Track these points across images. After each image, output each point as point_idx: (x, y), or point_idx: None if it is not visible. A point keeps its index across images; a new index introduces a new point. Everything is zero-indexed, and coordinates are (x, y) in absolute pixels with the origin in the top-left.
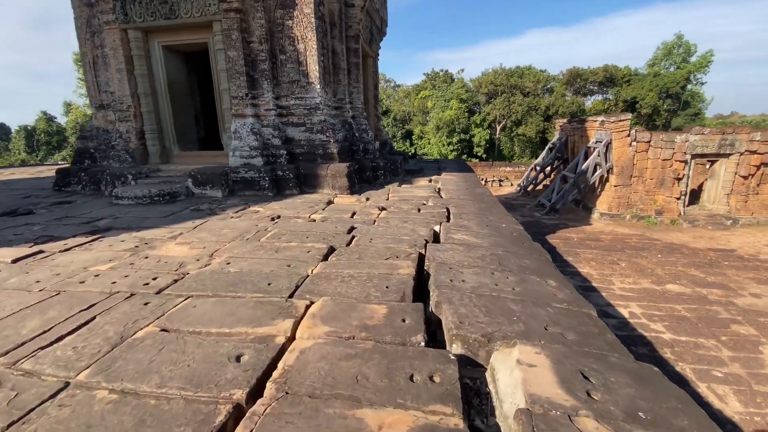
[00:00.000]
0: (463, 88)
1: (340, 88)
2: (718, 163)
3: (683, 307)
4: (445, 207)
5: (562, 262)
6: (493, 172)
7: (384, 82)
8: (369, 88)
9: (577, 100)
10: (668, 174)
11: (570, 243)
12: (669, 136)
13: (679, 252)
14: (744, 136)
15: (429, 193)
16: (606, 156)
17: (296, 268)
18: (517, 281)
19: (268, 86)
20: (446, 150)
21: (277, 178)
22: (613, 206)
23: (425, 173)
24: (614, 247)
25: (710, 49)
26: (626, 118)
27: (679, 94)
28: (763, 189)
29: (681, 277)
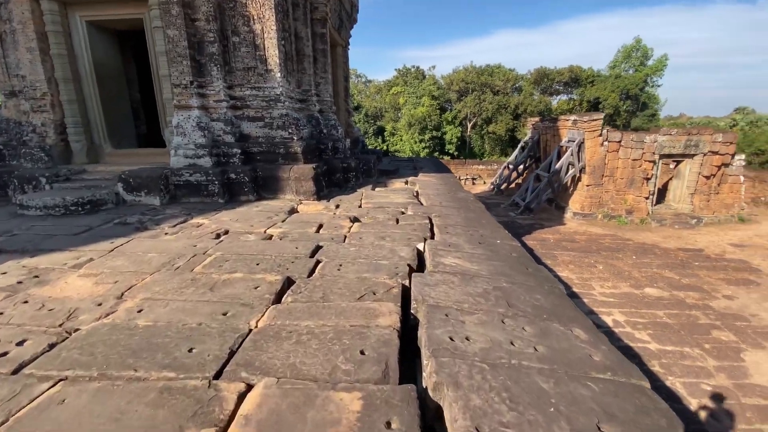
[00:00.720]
0: (434, 85)
1: (305, 78)
2: (683, 164)
3: (664, 312)
4: (427, 217)
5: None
6: (466, 170)
7: (355, 77)
8: (339, 79)
9: (544, 99)
10: (638, 174)
11: (547, 244)
12: (639, 136)
13: (651, 253)
14: (707, 137)
15: (407, 198)
16: (578, 155)
17: (235, 318)
18: (537, 333)
19: (219, 73)
20: (418, 147)
21: (229, 182)
22: (586, 206)
23: (401, 174)
24: (590, 249)
25: (665, 54)
26: (599, 118)
27: (638, 95)
28: (722, 189)
29: (657, 279)
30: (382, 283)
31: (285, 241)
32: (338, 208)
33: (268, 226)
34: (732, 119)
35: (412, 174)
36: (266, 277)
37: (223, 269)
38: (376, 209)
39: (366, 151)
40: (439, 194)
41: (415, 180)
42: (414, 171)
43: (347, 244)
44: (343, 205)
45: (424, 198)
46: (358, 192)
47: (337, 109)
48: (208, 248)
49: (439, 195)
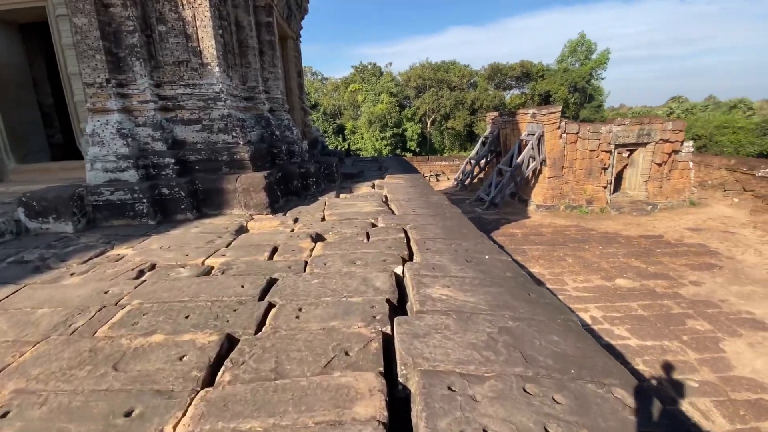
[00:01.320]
0: (392, 82)
1: (251, 73)
2: (637, 152)
3: (638, 304)
4: (402, 229)
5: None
6: (430, 167)
7: (311, 75)
8: (291, 75)
9: (498, 94)
10: (595, 164)
11: (515, 240)
12: (595, 127)
13: (615, 242)
14: (658, 126)
15: (376, 206)
16: (539, 148)
17: (142, 423)
18: (573, 407)
19: (143, 69)
20: (380, 145)
21: (161, 199)
22: (548, 198)
23: (366, 176)
24: (557, 241)
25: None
26: (557, 110)
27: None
28: (673, 175)
29: (626, 269)
30: (355, 334)
31: (228, 276)
32: (297, 223)
33: (207, 254)
34: (669, 107)
35: (379, 176)
36: (197, 338)
37: (137, 329)
38: (341, 222)
39: (326, 153)
40: (411, 199)
41: (382, 183)
42: (380, 172)
43: (308, 275)
44: (303, 218)
45: (395, 205)
46: (320, 201)
47: (291, 108)
48: (123, 294)
49: (410, 200)
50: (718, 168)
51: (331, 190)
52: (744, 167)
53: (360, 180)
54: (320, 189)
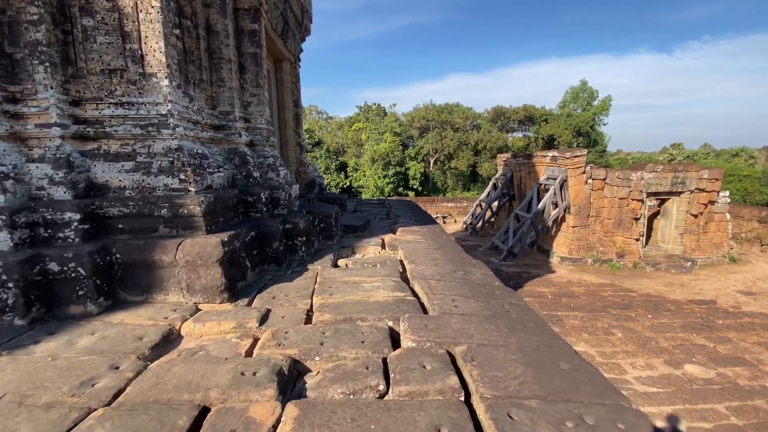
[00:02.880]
0: (396, 122)
1: (225, 94)
2: (670, 201)
3: (726, 407)
4: (448, 359)
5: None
6: (436, 207)
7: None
8: (286, 104)
9: (502, 136)
10: (626, 213)
11: (546, 302)
12: (624, 173)
13: (664, 308)
14: (694, 174)
15: (391, 286)
16: (562, 194)
17: None
18: None
19: (51, 77)
20: (382, 183)
21: (47, 281)
22: (573, 249)
23: (373, 229)
24: (595, 306)
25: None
26: (582, 154)
27: (588, 132)
28: (710, 227)
29: (691, 350)
30: None
31: None
32: (264, 325)
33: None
34: (669, 154)
35: (389, 228)
36: None
37: None
38: (338, 328)
39: (325, 198)
40: (443, 275)
41: (395, 240)
42: (389, 222)
43: None
44: (277, 311)
45: (420, 285)
46: (309, 272)
47: (284, 143)
48: None
49: (442, 277)
50: (749, 220)
51: (327, 252)
52: None
53: (365, 235)
54: (312, 251)
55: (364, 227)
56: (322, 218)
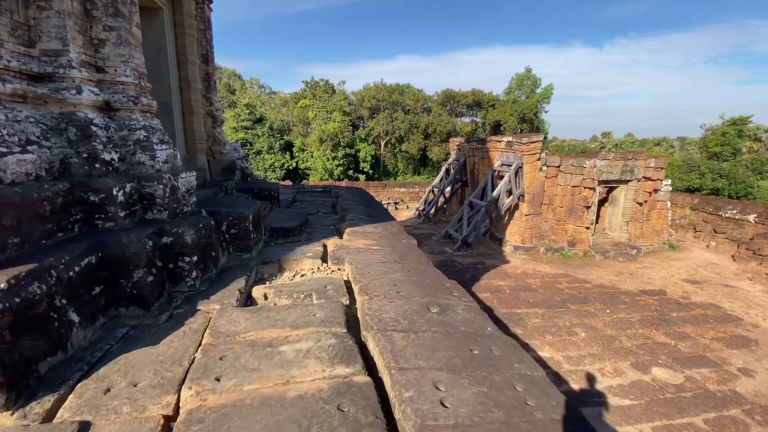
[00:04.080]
0: (345, 101)
1: (49, 21)
2: (618, 190)
3: (702, 419)
4: None
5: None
6: (388, 193)
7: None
8: (188, 58)
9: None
10: (578, 201)
11: (505, 298)
12: (578, 161)
13: (619, 300)
14: (642, 162)
15: (328, 358)
16: (517, 181)
17: None
18: None
19: None
20: (332, 165)
21: None
22: (526, 238)
23: (312, 231)
24: (554, 301)
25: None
26: (538, 140)
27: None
28: (652, 215)
29: (655, 350)
30: None
31: None
32: None
33: None
34: (600, 142)
35: (334, 229)
36: None
37: None
38: None
39: (248, 188)
40: (410, 318)
41: (340, 249)
42: (335, 220)
43: None
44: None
45: (378, 345)
46: (195, 322)
47: (186, 112)
48: None
49: (411, 324)
50: (682, 206)
51: (240, 273)
52: (708, 207)
53: (301, 240)
54: (212, 274)
55: (301, 229)
56: (233, 221)
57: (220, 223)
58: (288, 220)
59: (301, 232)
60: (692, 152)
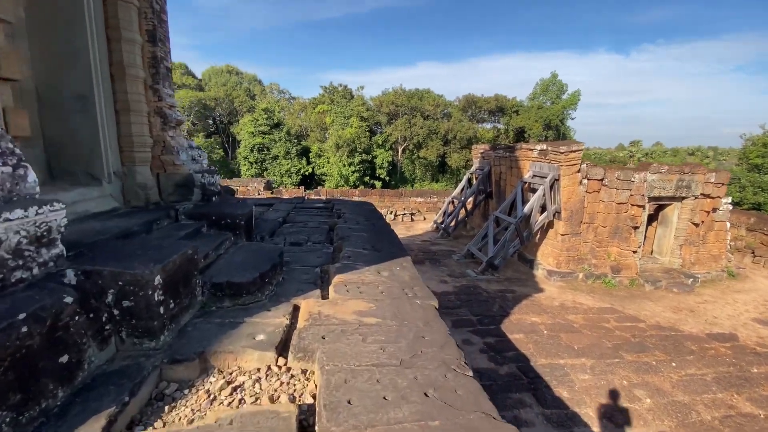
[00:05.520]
0: (363, 106)
1: None
2: (670, 208)
3: None
4: None
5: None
6: (403, 203)
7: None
8: (123, 35)
9: (473, 126)
10: (623, 221)
11: (542, 341)
12: (625, 173)
13: (684, 348)
14: (700, 177)
15: None
16: (552, 196)
17: None
18: None
19: None
20: (347, 171)
21: None
22: (562, 261)
23: (288, 277)
24: (603, 347)
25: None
26: (578, 149)
27: (558, 126)
28: (708, 237)
29: (743, 427)
30: None
31: None
32: None
33: None
34: (629, 151)
35: (317, 275)
36: None
37: None
38: None
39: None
40: None
41: (317, 322)
42: (325, 256)
43: None
44: None
45: None
46: None
47: (122, 109)
48: None
49: None
50: (737, 226)
51: (106, 403)
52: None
53: (259, 302)
54: (67, 391)
55: (263, 281)
56: (125, 288)
57: (104, 292)
58: (247, 266)
59: (263, 286)
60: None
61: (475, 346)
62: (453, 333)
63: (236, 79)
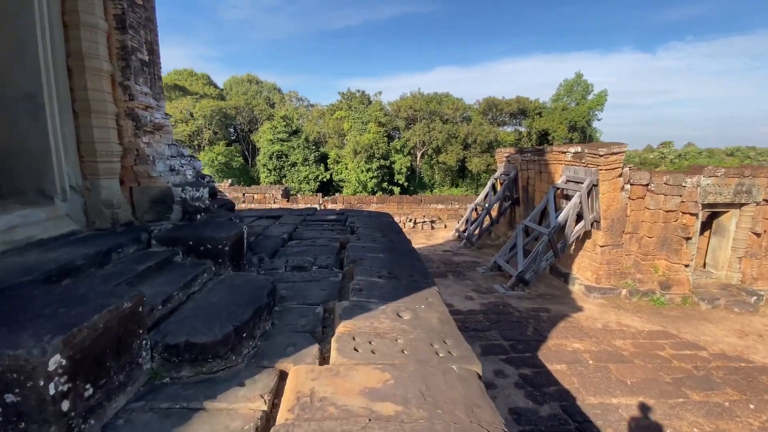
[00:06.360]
0: (381, 111)
1: None
2: (727, 215)
3: None
4: None
5: None
6: (423, 210)
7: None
8: (83, 18)
9: (493, 129)
10: (672, 231)
11: (586, 373)
12: (675, 177)
13: (760, 385)
14: (763, 181)
15: None
16: (591, 203)
17: None
18: None
19: None
20: (365, 177)
21: None
22: (602, 276)
23: (279, 321)
24: (660, 382)
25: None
26: (620, 151)
27: (584, 128)
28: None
29: None
30: None
31: None
32: None
33: None
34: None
35: (316, 320)
36: None
37: None
38: None
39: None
40: None
41: (302, 414)
42: (332, 286)
43: None
44: None
45: None
46: None
47: (82, 111)
48: None
49: None
50: None
51: None
52: None
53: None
54: None
55: (243, 335)
56: (4, 373)
57: None
58: (221, 313)
59: (239, 345)
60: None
61: (509, 378)
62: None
63: (256, 87)
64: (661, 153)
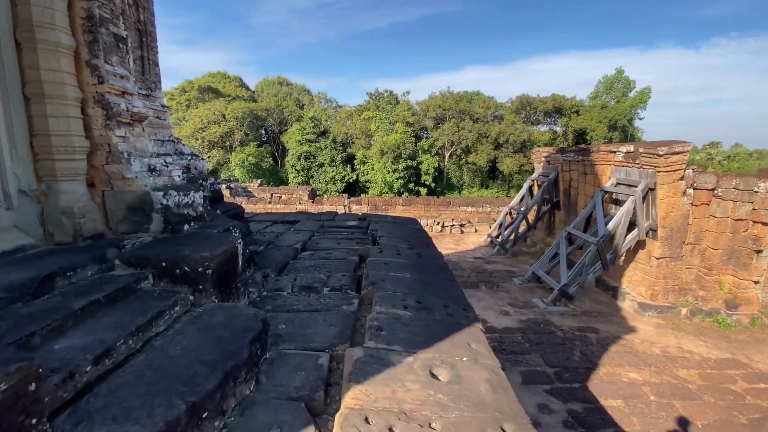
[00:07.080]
0: (409, 111)
1: None
2: None
3: None
4: None
5: None
6: (452, 213)
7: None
8: None
9: (527, 128)
10: (741, 242)
11: (646, 409)
12: (746, 182)
13: None
14: None
15: None
16: (645, 209)
17: None
18: None
19: None
20: (392, 177)
21: None
22: (659, 291)
23: (274, 365)
24: (735, 424)
25: (648, 86)
26: (683, 150)
27: (625, 127)
28: None
29: None
30: None
31: None
32: None
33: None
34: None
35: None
36: None
37: None
38: None
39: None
40: None
41: None
42: (344, 317)
43: None
44: None
45: None
46: None
47: (33, 95)
48: None
49: None
50: None
51: None
52: None
53: None
54: None
55: (203, 416)
56: None
57: None
58: (179, 375)
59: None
60: None
61: (556, 415)
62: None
63: (286, 89)
64: (708, 154)
